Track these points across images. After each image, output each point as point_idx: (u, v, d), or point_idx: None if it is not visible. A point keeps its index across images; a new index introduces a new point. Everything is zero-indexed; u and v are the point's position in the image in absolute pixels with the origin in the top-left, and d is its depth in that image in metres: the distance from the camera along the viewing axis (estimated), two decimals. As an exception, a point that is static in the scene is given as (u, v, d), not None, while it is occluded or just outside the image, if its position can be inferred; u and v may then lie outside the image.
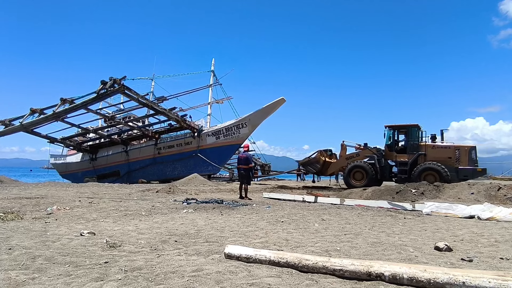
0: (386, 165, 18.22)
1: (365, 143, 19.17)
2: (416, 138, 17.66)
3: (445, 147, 17.04)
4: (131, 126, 28.03)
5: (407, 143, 17.90)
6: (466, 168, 16.16)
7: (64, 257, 4.03)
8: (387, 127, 18.18)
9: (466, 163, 16.26)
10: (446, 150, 16.87)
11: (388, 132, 18.16)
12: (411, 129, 17.82)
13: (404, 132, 18.31)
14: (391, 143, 18.25)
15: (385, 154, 18.23)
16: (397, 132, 18.48)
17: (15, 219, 6.69)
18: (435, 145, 17.29)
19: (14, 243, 4.61)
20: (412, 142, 17.63)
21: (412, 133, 17.78)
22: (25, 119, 24.38)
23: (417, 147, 17.35)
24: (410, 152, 17.46)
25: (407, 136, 18.07)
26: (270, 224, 6.72)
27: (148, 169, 27.06)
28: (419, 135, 17.71)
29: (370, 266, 3.26)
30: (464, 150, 16.55)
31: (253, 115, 24.73)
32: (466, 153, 16.39)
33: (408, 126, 17.91)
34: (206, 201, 10.17)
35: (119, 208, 8.65)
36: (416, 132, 17.69)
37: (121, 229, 5.94)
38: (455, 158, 16.43)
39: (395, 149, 18.11)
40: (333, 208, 9.74)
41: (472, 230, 6.46)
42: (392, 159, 18.12)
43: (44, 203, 9.40)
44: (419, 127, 17.80)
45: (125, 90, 22.18)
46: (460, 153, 16.43)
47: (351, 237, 5.60)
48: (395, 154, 17.95)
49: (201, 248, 4.61)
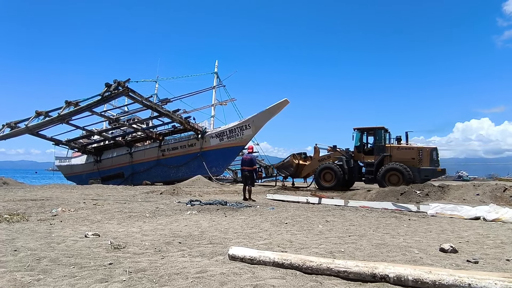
0: (355, 166, 18.92)
1: (334, 145, 20.11)
2: (383, 140, 18.58)
3: (409, 148, 17.82)
4: (135, 128, 28.15)
5: (374, 145, 18.76)
6: (427, 168, 16.98)
7: (69, 258, 4.05)
8: (355, 130, 19.10)
9: (427, 163, 17.06)
10: (409, 151, 17.66)
11: (357, 134, 19.08)
12: (377, 131, 18.80)
13: (371, 134, 19.15)
14: (360, 145, 19.07)
15: (354, 155, 19.11)
16: (365, 134, 19.28)
17: (20, 221, 6.74)
18: (399, 146, 18.09)
19: (19, 245, 4.65)
20: (379, 143, 18.50)
21: (379, 135, 18.70)
22: (31, 121, 24.58)
23: (383, 149, 18.16)
24: (376, 154, 18.24)
25: (374, 138, 18.92)
26: (274, 226, 6.71)
27: (152, 171, 27.14)
28: (385, 137, 18.71)
29: (375, 267, 3.25)
30: (426, 151, 17.33)
31: (256, 117, 24.72)
32: (428, 154, 17.19)
33: (375, 128, 18.82)
34: (210, 202, 10.18)
35: (123, 210, 8.67)
36: (383, 134, 18.70)
37: (125, 231, 5.96)
38: (418, 159, 17.27)
39: (363, 151, 18.95)
40: (337, 209, 9.71)
41: (478, 231, 6.41)
42: (360, 160, 18.92)
43: (49, 205, 9.47)
44: (386, 129, 18.73)
45: (129, 93, 22.29)
46: (423, 154, 17.26)
47: (356, 238, 5.58)
48: (362, 155, 18.83)
49: (205, 250, 4.61)
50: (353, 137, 18.98)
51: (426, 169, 16.95)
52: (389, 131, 18.89)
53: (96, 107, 23.83)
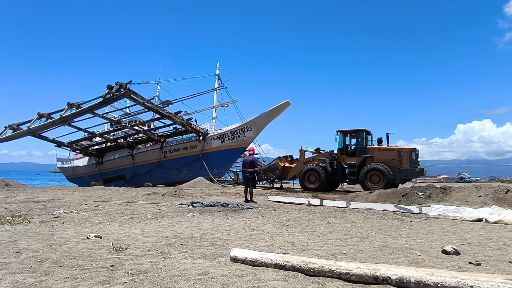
0: (338, 167, 19.24)
1: (317, 148, 20.51)
2: (364, 142, 18.96)
3: (390, 150, 18.26)
4: (137, 130, 28.21)
5: (356, 147, 19.15)
6: (407, 168, 17.35)
7: (71, 260, 4.05)
8: (338, 132, 19.47)
9: (407, 164, 17.41)
10: (390, 152, 18.07)
11: (340, 136, 19.47)
12: (359, 134, 19.11)
13: (354, 136, 19.56)
14: (343, 147, 19.44)
15: (338, 157, 19.39)
16: (348, 137, 19.70)
17: (22, 223, 6.76)
18: (380, 147, 18.51)
19: (21, 246, 4.66)
20: (360, 145, 18.88)
21: (360, 137, 19.13)
22: (33, 123, 24.68)
23: (365, 150, 18.54)
24: (358, 155, 18.60)
25: (356, 140, 19.33)
26: (275, 228, 6.71)
27: (154, 173, 27.17)
28: (367, 139, 19.09)
29: (377, 269, 3.24)
30: (406, 152, 17.70)
31: (258, 119, 24.74)
32: (407, 155, 17.55)
33: (357, 130, 19.21)
34: (211, 204, 10.18)
35: (125, 212, 8.69)
36: (365, 136, 19.08)
37: (127, 233, 5.97)
38: (398, 159, 17.62)
39: (346, 153, 19.30)
40: (339, 211, 9.70)
41: (480, 233, 6.38)
42: (343, 161, 19.28)
43: (51, 206, 9.49)
44: (367, 131, 19.15)
45: (131, 95, 22.36)
46: (402, 155, 17.64)
47: (357, 240, 5.56)
48: (345, 157, 19.13)
49: (206, 252, 4.61)
50: (336, 140, 19.44)
51: (406, 169, 17.37)
52: (371, 133, 19.38)
53: (98, 109, 23.89)
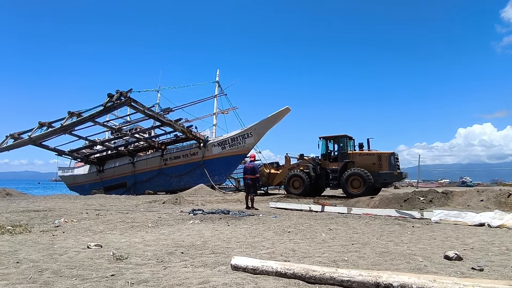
0: (322, 173, 19.42)
1: (301, 154, 20.81)
2: (346, 147, 19.25)
3: (370, 154, 18.59)
4: (137, 138, 28.25)
5: (338, 152, 19.45)
6: (386, 172, 17.70)
7: (71, 270, 4.03)
8: (321, 138, 19.77)
9: (386, 168, 17.75)
10: (370, 157, 18.39)
11: (322, 142, 19.75)
12: (341, 139, 19.50)
13: (335, 142, 19.89)
14: (325, 153, 19.71)
15: (321, 162, 19.67)
16: (331, 142, 19.98)
17: (23, 232, 6.73)
18: (361, 152, 18.88)
19: (21, 257, 4.64)
20: (342, 151, 19.26)
21: (342, 143, 19.45)
22: (34, 132, 24.75)
23: (346, 155, 18.86)
24: (340, 160, 18.92)
25: (338, 145, 19.66)
26: (276, 235, 6.68)
27: (155, 180, 27.15)
28: (348, 144, 19.37)
29: (379, 276, 3.22)
30: (385, 156, 18.00)
31: (258, 125, 24.78)
32: (386, 159, 17.86)
33: (339, 136, 19.59)
34: (212, 211, 10.15)
35: (126, 220, 8.66)
36: (346, 142, 19.35)
37: (127, 241, 5.94)
38: (378, 164, 17.95)
39: (328, 158, 19.60)
40: (340, 217, 9.66)
41: (483, 238, 6.34)
42: (326, 167, 19.48)
43: (51, 215, 9.47)
44: (349, 137, 19.46)
45: (131, 103, 22.45)
46: (382, 160, 17.92)
47: (359, 246, 5.53)
48: (327, 162, 19.46)
49: (207, 260, 4.59)
50: (318, 146, 19.64)
51: (385, 173, 17.67)
52: (353, 138, 19.67)
53: (99, 117, 23.98)
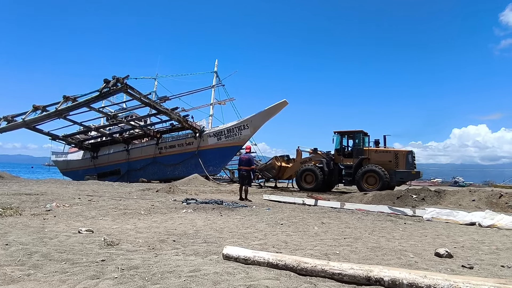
0: (335, 168, 19.24)
1: (315, 148, 20.48)
2: (361, 143, 18.96)
3: (386, 152, 18.33)
4: (133, 125, 28.05)
5: (353, 148, 19.16)
6: (403, 170, 17.42)
7: (61, 254, 4.00)
8: (336, 133, 19.48)
9: (403, 166, 17.47)
10: (387, 154, 18.14)
11: (337, 137, 19.47)
12: (356, 135, 19.15)
13: (351, 137, 19.59)
14: (340, 148, 19.45)
15: (334, 158, 19.39)
16: (345, 138, 19.70)
17: (13, 215, 6.67)
18: (377, 149, 18.60)
19: (11, 239, 4.59)
20: (357, 147, 18.90)
21: (357, 139, 19.15)
22: (28, 115, 24.45)
23: (362, 151, 18.54)
24: (355, 156, 18.61)
25: (353, 141, 19.37)
26: (269, 226, 6.68)
27: (149, 169, 27.05)
28: (364, 141, 19.10)
29: (370, 270, 3.22)
30: (402, 154, 17.75)
31: (255, 117, 24.70)
32: (404, 157, 17.59)
33: (354, 132, 19.25)
34: (205, 201, 10.13)
35: (119, 207, 8.62)
36: (362, 138, 19.01)
37: (119, 228, 5.91)
38: (395, 161, 17.67)
39: (343, 154, 19.28)
40: (333, 211, 9.69)
41: (473, 237, 6.40)
42: (340, 162, 19.30)
43: (43, 199, 9.39)
44: (364, 133, 19.14)
45: (127, 89, 22.20)
46: (399, 157, 17.69)
47: (351, 241, 5.55)
48: (342, 158, 19.17)
49: (199, 249, 4.57)
50: (333, 140, 19.38)
51: (402, 171, 17.40)
52: (368, 134, 19.31)
53: (94, 103, 23.71)
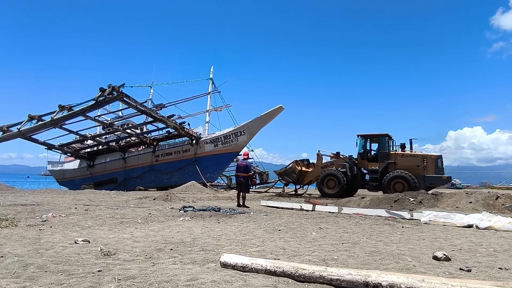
0: (358, 173, 18.58)
1: (337, 152, 19.77)
2: (386, 147, 18.35)
3: (413, 156, 17.64)
4: (129, 133, 27.97)
5: (378, 152, 18.40)
6: (432, 176, 16.72)
7: (57, 265, 3.96)
8: (359, 136, 18.78)
9: (432, 171, 16.81)
10: (414, 159, 17.45)
11: (360, 141, 18.75)
12: (381, 138, 18.45)
13: (375, 141, 18.93)
14: (363, 152, 18.68)
15: (358, 162, 18.66)
16: (369, 141, 18.90)
17: (9, 226, 6.61)
18: (404, 153, 17.83)
19: (6, 251, 4.54)
20: (383, 150, 18.22)
21: (382, 142, 18.38)
22: (23, 125, 24.34)
23: (387, 156, 17.85)
24: (380, 161, 17.95)
25: (378, 145, 18.72)
26: (267, 233, 6.66)
27: (146, 176, 26.94)
28: (389, 144, 18.32)
29: (368, 275, 3.22)
30: (431, 158, 17.08)
31: (251, 123, 24.73)
32: (433, 161, 16.97)
33: (379, 135, 18.56)
34: (203, 208, 10.09)
35: (115, 216, 8.56)
36: (387, 141, 18.33)
37: (116, 237, 5.87)
38: (423, 166, 16.99)
39: (366, 158, 18.58)
40: (331, 216, 9.68)
41: (471, 239, 6.41)
42: (364, 167, 18.64)
43: (39, 210, 9.32)
44: (389, 136, 18.50)
45: (123, 98, 22.20)
46: (427, 162, 16.97)
47: (349, 246, 5.55)
48: (366, 162, 18.42)
49: (196, 257, 4.55)
50: (356, 144, 18.58)
51: (431, 176, 16.64)
52: (393, 138, 18.57)
53: (90, 111, 23.68)
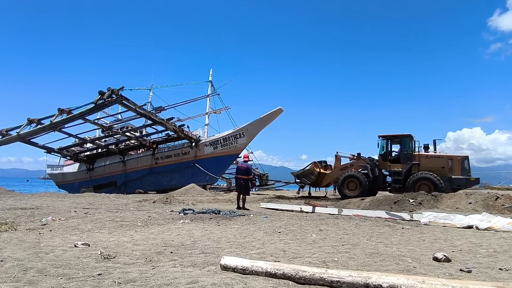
0: (380, 174, 18.25)
1: (358, 153, 19.31)
2: (409, 148, 17.81)
3: (438, 157, 17.23)
4: (128, 136, 28.00)
5: (401, 153, 17.93)
6: (459, 177, 16.25)
7: (57, 269, 3.95)
8: (380, 137, 18.26)
9: (459, 172, 16.37)
10: (439, 160, 17.02)
11: (382, 142, 18.25)
12: (404, 139, 17.94)
13: (397, 142, 18.45)
14: (385, 153, 18.28)
15: (379, 163, 18.29)
16: (390, 142, 18.51)
17: (8, 230, 6.59)
18: (428, 154, 17.39)
19: (6, 255, 4.53)
20: (406, 152, 17.73)
21: (405, 143, 17.89)
22: (22, 129, 24.34)
23: (411, 157, 17.39)
24: (403, 162, 17.49)
25: (401, 146, 18.22)
26: (267, 235, 6.65)
27: (146, 179, 26.94)
28: (412, 145, 17.77)
29: (368, 277, 3.22)
30: (457, 159, 16.66)
31: (250, 125, 24.78)
32: (459, 162, 16.52)
33: (402, 136, 18.05)
34: (203, 211, 10.08)
35: (115, 219, 8.55)
36: (409, 142, 17.82)
37: (116, 240, 5.86)
38: (448, 167, 16.55)
39: (388, 159, 18.17)
40: (331, 218, 9.68)
41: (471, 240, 6.41)
42: (385, 168, 18.22)
43: (39, 213, 9.30)
44: (412, 137, 17.97)
45: (122, 101, 22.24)
46: (453, 163, 16.55)
47: (349, 247, 5.54)
48: (388, 163, 18.00)
49: (197, 260, 4.54)
50: (378, 145, 18.15)
51: (459, 178, 16.15)
52: (415, 139, 17.92)
53: (89, 115, 23.71)
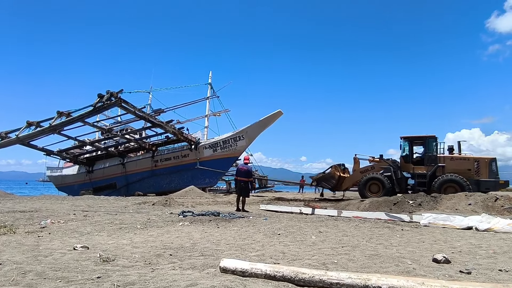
0: (402, 177, 17.82)
1: (380, 155, 18.83)
2: (433, 149, 17.41)
3: (464, 159, 16.79)
4: (128, 139, 27.98)
5: (425, 155, 17.46)
6: (488, 180, 15.87)
7: (56, 272, 3.94)
8: (402, 138, 17.93)
9: (486, 175, 15.97)
10: (465, 162, 16.60)
11: (404, 143, 17.92)
12: (428, 141, 17.51)
13: (420, 143, 18.04)
14: (407, 155, 17.87)
15: (401, 165, 17.86)
16: (412, 144, 18.04)
17: (7, 233, 6.57)
18: (453, 156, 17.00)
19: (4, 258, 4.52)
20: (430, 153, 17.30)
21: (429, 145, 17.47)
22: (22, 131, 24.32)
23: (435, 159, 17.00)
24: (428, 164, 17.08)
25: (424, 147, 17.82)
26: (266, 237, 6.65)
27: (145, 182, 26.92)
28: (436, 147, 17.41)
29: (368, 279, 3.21)
30: (484, 162, 16.28)
31: (250, 128, 24.78)
32: (486, 165, 16.13)
33: (425, 137, 17.63)
34: (202, 213, 10.06)
35: (114, 221, 8.53)
36: (433, 144, 17.42)
37: (115, 243, 5.85)
38: (475, 170, 16.17)
39: (411, 161, 17.71)
40: (331, 220, 9.67)
41: (470, 241, 6.41)
42: (408, 171, 17.79)
43: (38, 216, 9.28)
44: (436, 138, 17.52)
45: (122, 103, 22.23)
46: (480, 165, 16.15)
47: (349, 249, 5.54)
48: (412, 166, 17.55)
49: (196, 262, 4.53)
50: (400, 146, 17.89)
51: (487, 181, 15.82)
52: (438, 141, 17.58)
53: (89, 117, 23.70)
